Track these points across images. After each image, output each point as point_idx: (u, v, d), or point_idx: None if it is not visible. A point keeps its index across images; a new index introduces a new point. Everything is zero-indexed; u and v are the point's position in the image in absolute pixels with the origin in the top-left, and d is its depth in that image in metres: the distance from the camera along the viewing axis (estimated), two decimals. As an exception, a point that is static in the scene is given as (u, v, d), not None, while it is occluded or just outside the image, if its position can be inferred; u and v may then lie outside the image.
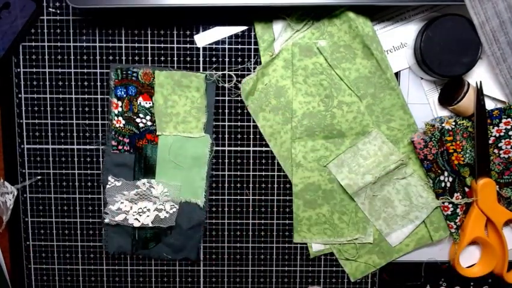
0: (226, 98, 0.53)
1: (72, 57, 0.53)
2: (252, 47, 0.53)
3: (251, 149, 0.54)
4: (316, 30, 0.51)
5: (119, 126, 0.53)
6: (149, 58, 0.52)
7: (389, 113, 0.52)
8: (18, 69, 0.53)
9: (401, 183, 0.53)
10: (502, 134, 0.51)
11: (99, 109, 0.53)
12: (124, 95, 0.52)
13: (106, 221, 0.54)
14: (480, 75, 0.51)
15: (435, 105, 0.53)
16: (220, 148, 0.54)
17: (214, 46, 0.52)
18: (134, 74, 0.52)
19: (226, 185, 0.55)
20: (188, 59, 0.53)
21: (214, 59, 0.53)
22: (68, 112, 0.53)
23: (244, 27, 0.52)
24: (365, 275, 0.56)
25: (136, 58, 0.52)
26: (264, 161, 0.54)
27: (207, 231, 0.56)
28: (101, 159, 0.54)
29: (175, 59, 0.53)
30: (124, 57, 0.52)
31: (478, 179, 0.52)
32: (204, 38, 0.52)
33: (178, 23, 0.52)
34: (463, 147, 0.51)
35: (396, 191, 0.53)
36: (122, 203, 0.54)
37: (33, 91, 0.53)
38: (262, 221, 0.56)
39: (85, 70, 0.53)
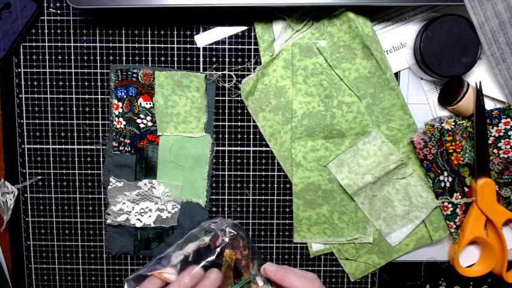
0: (226, 98, 0.53)
1: (72, 57, 0.53)
2: (252, 47, 0.53)
3: (251, 149, 0.54)
4: (316, 31, 0.51)
5: (120, 127, 0.53)
6: (149, 58, 0.52)
7: (389, 113, 0.53)
8: (19, 70, 0.53)
9: (400, 183, 0.53)
10: (501, 134, 0.51)
11: (99, 109, 0.53)
12: (125, 96, 0.52)
13: (108, 221, 0.54)
14: (479, 75, 0.51)
15: (434, 105, 0.53)
16: (220, 148, 0.54)
17: (214, 46, 0.53)
18: (134, 75, 0.52)
19: (226, 185, 0.55)
20: (188, 59, 0.53)
21: (214, 59, 0.53)
22: (69, 112, 0.53)
23: (244, 27, 0.52)
24: (364, 275, 0.56)
25: (136, 58, 0.52)
26: (264, 161, 0.55)
27: (207, 231, 0.56)
28: (101, 159, 0.54)
29: (175, 59, 0.53)
30: (124, 58, 0.52)
31: (478, 179, 0.52)
32: (204, 38, 0.52)
33: (178, 23, 0.52)
34: (463, 147, 0.52)
35: (396, 191, 0.54)
36: (124, 203, 0.54)
37: (34, 91, 0.53)
38: (262, 221, 0.56)
39: (85, 70, 0.53)
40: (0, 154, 0.55)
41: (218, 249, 0.49)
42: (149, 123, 0.53)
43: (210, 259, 0.49)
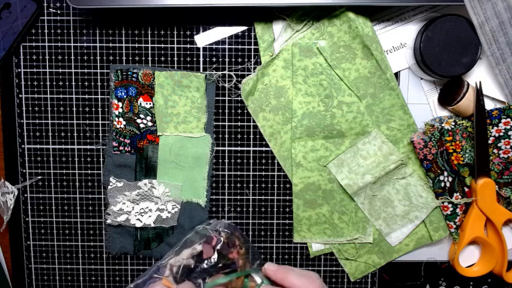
0: (226, 98, 0.53)
1: (72, 57, 0.53)
2: (252, 47, 0.53)
3: (251, 149, 0.54)
4: (316, 31, 0.51)
5: (120, 127, 0.53)
6: (149, 58, 0.53)
7: (389, 113, 0.53)
8: (19, 70, 0.53)
9: (400, 183, 0.53)
10: (501, 134, 0.51)
11: (99, 109, 0.53)
12: (125, 96, 0.52)
13: (108, 221, 0.54)
14: (479, 75, 0.51)
15: (434, 106, 0.53)
16: (220, 148, 0.54)
17: (214, 46, 0.53)
18: (134, 75, 0.52)
19: (226, 185, 0.55)
20: (188, 59, 0.53)
21: (214, 59, 0.53)
22: (69, 112, 0.53)
23: (244, 27, 0.52)
24: (364, 275, 0.56)
25: (136, 58, 0.52)
26: (264, 161, 0.55)
27: (207, 231, 0.56)
28: (101, 159, 0.54)
29: (175, 59, 0.53)
30: (124, 58, 0.52)
31: (478, 179, 0.52)
32: (204, 38, 0.52)
33: (178, 23, 0.52)
34: (463, 147, 0.52)
35: (396, 191, 0.54)
36: (124, 203, 0.54)
37: (34, 91, 0.53)
38: (262, 221, 0.56)
39: (85, 70, 0.53)
40: (0, 154, 0.55)
41: (215, 255, 0.49)
42: (149, 123, 0.53)
43: (208, 263, 0.49)
